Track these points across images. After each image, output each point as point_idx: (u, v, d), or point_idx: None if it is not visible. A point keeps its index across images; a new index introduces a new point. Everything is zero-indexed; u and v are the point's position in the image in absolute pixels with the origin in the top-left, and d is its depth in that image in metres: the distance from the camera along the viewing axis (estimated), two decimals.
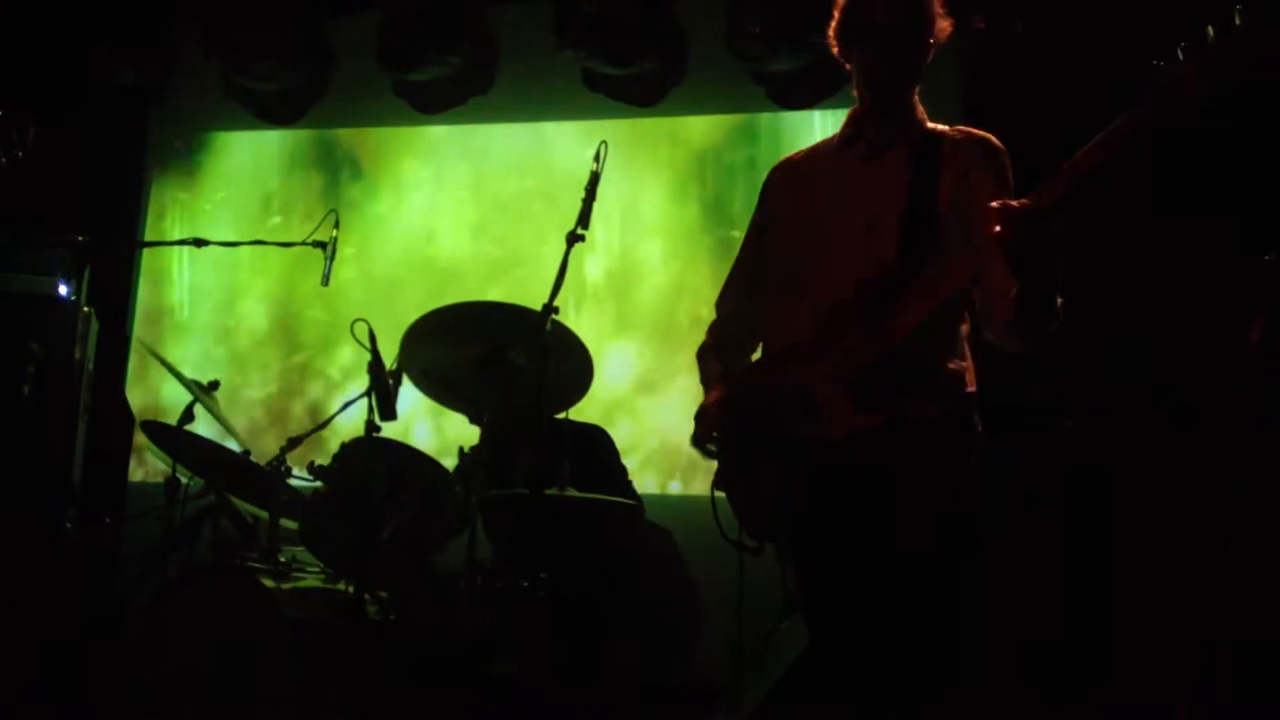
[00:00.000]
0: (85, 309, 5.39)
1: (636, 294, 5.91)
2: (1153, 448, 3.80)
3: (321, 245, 4.41)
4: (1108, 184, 4.95)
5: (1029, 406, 4.00)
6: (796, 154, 3.09)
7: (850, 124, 2.96)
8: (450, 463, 4.54)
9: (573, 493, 4.20)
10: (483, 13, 6.22)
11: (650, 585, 5.34)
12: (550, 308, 3.62)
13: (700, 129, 5.92)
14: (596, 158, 3.61)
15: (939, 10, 2.87)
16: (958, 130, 2.91)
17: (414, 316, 4.34)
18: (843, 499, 2.79)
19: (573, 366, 4.20)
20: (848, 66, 2.93)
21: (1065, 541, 3.83)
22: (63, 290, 5.33)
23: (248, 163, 6.63)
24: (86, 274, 5.40)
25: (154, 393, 6.31)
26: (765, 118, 5.82)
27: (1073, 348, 3.97)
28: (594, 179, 3.61)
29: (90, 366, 5.43)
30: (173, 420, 4.59)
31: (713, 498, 2.97)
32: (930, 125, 2.92)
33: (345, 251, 4.50)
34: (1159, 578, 3.67)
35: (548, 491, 4.04)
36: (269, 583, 4.12)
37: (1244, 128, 4.75)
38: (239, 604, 4.08)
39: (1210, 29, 2.43)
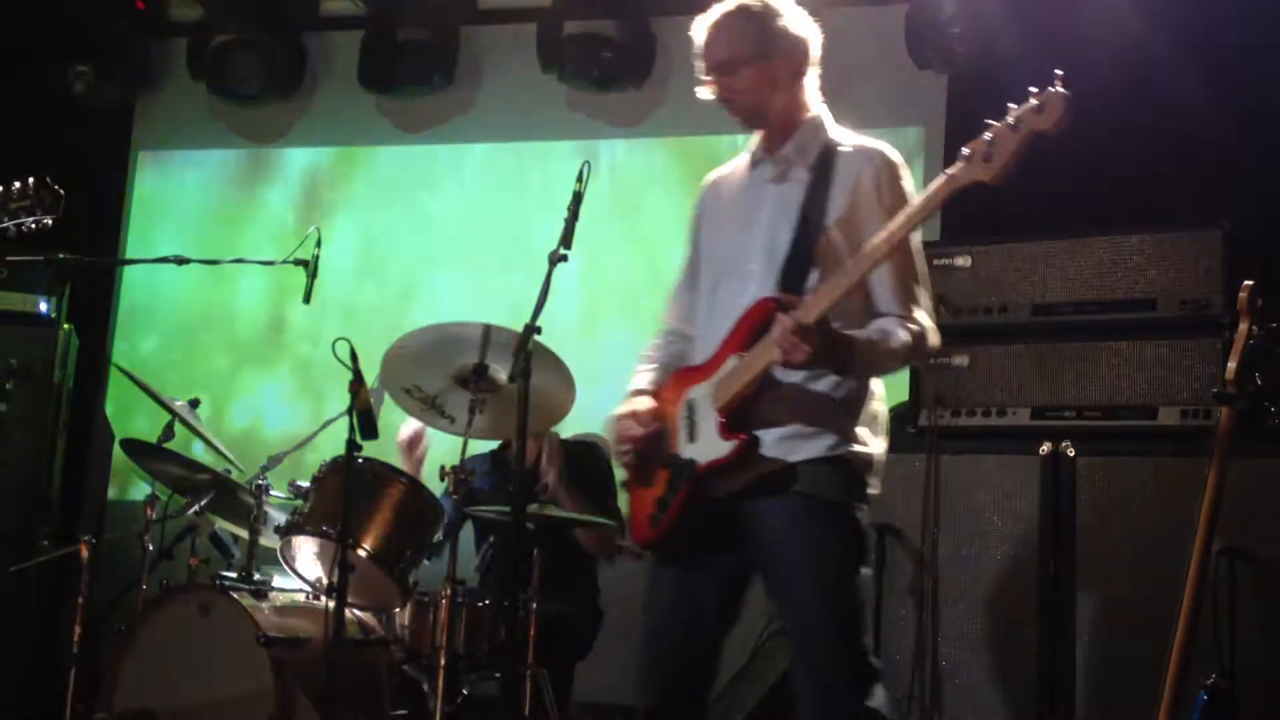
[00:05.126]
0: (65, 326, 5.38)
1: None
2: (1131, 473, 3.81)
3: (304, 263, 4.40)
4: (1089, 202, 5.01)
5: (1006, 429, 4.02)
6: (723, 169, 3.19)
7: (758, 143, 3.06)
8: (432, 481, 4.54)
9: (553, 510, 4.20)
10: (465, 33, 6.24)
11: (630, 605, 5.33)
12: (532, 327, 3.62)
13: (683, 150, 5.94)
14: (579, 178, 3.62)
15: (754, 41, 2.95)
16: (853, 144, 2.98)
17: (396, 335, 4.34)
18: (704, 521, 2.88)
19: (554, 385, 4.20)
20: None
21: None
22: (43, 307, 5.32)
23: (230, 180, 6.62)
24: (67, 291, 5.39)
25: (135, 410, 6.29)
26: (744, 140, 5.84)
27: (1052, 371, 4.01)
28: (577, 199, 3.62)
29: (70, 384, 5.41)
30: (153, 438, 4.58)
31: (628, 503, 3.09)
32: (832, 138, 2.98)
33: (327, 269, 4.49)
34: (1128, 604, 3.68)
35: (529, 509, 4.04)
36: (248, 601, 4.11)
37: (1231, 147, 4.82)
38: (218, 623, 4.07)
39: (1032, 97, 2.49)
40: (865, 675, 2.78)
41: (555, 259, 3.45)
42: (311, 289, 4.39)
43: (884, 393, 2.99)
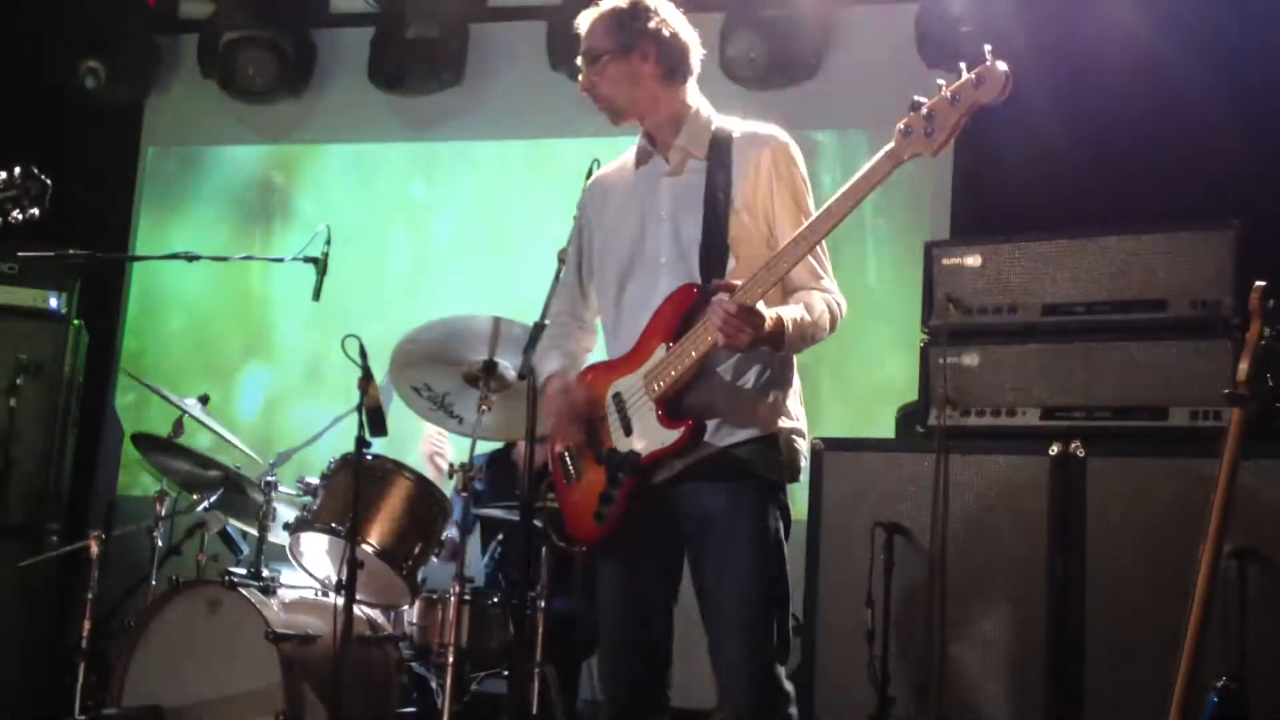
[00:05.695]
0: (76, 322, 5.39)
1: None
2: (1142, 474, 3.80)
3: (313, 260, 4.41)
4: (1100, 201, 4.99)
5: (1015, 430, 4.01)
6: (609, 167, 3.22)
7: (643, 138, 3.08)
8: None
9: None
10: (475, 30, 6.25)
11: None
12: (541, 325, 3.63)
13: None
14: (589, 175, 3.63)
15: (616, 36, 2.99)
16: (742, 130, 3.02)
17: (403, 332, 4.34)
18: (647, 511, 2.90)
19: None
20: None
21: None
22: (53, 303, 5.32)
23: (240, 177, 6.64)
24: (77, 287, 5.40)
25: (146, 405, 6.30)
26: None
27: (1062, 371, 4.00)
28: None
29: (80, 379, 5.42)
30: (165, 432, 4.59)
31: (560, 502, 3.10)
32: (719, 126, 3.02)
33: (337, 266, 4.50)
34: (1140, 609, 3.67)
35: (536, 507, 4.05)
36: (257, 597, 4.12)
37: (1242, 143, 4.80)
38: (227, 619, 4.08)
39: (969, 71, 2.51)
40: (787, 650, 2.87)
41: (563, 256, 3.46)
42: (321, 285, 4.40)
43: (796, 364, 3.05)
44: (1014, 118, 4.79)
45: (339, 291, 6.07)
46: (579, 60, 3.06)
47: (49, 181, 3.32)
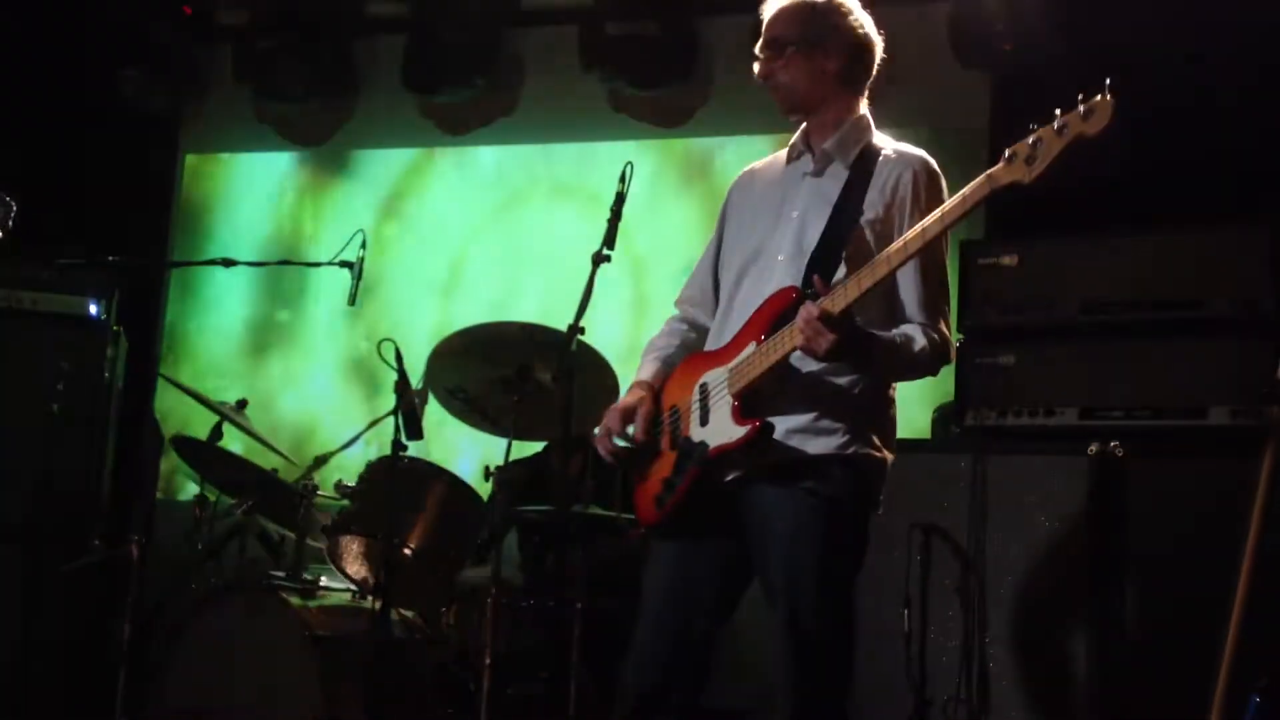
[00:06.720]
0: (115, 328, 5.43)
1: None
2: (1182, 474, 3.77)
3: (349, 265, 4.43)
4: (1137, 200, 4.95)
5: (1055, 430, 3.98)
6: (760, 161, 3.19)
7: (799, 136, 3.05)
8: (477, 481, 4.56)
9: (596, 510, 4.21)
10: (509, 34, 6.27)
11: None
12: (576, 328, 3.63)
13: (726, 150, 5.93)
14: (622, 179, 3.63)
15: (806, 27, 2.96)
16: (894, 149, 2.97)
17: (439, 336, 4.36)
18: (710, 506, 2.86)
19: (597, 386, 4.21)
20: None
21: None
22: (93, 310, 5.36)
23: (277, 183, 6.68)
24: (116, 294, 5.45)
25: (185, 412, 6.35)
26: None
27: (1099, 370, 3.97)
28: (619, 200, 3.63)
29: (120, 385, 5.47)
30: (203, 438, 4.63)
31: (620, 483, 3.09)
32: (874, 141, 2.98)
33: (372, 271, 4.51)
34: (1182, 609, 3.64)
35: (573, 509, 4.06)
36: (296, 600, 4.14)
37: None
38: (266, 622, 4.10)
39: (1080, 103, 2.48)
40: (846, 680, 2.82)
41: (598, 259, 3.46)
42: (357, 290, 4.42)
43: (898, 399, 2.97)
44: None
45: (374, 296, 6.15)
46: (758, 47, 3.00)
47: (13, 203, 3.28)
